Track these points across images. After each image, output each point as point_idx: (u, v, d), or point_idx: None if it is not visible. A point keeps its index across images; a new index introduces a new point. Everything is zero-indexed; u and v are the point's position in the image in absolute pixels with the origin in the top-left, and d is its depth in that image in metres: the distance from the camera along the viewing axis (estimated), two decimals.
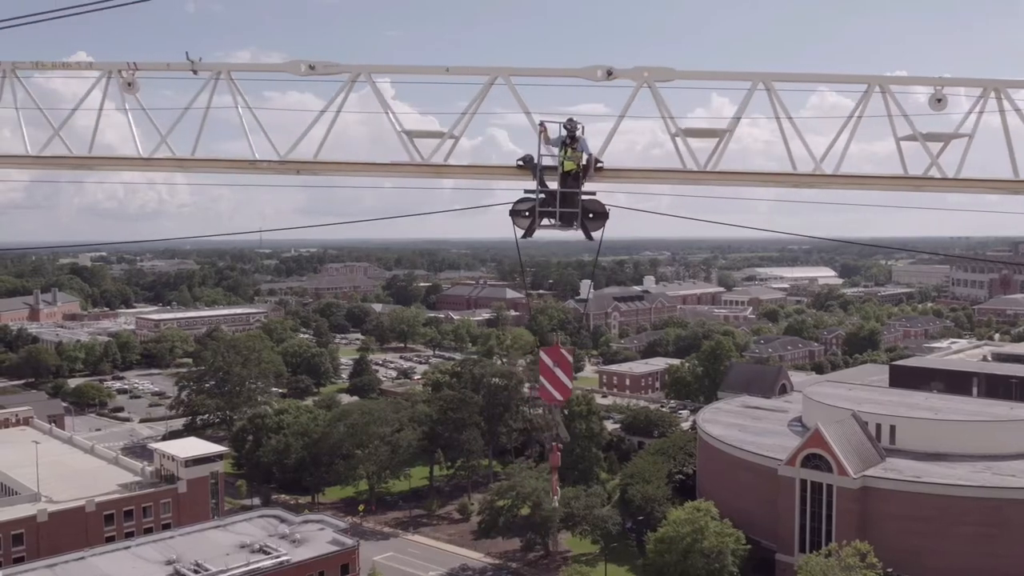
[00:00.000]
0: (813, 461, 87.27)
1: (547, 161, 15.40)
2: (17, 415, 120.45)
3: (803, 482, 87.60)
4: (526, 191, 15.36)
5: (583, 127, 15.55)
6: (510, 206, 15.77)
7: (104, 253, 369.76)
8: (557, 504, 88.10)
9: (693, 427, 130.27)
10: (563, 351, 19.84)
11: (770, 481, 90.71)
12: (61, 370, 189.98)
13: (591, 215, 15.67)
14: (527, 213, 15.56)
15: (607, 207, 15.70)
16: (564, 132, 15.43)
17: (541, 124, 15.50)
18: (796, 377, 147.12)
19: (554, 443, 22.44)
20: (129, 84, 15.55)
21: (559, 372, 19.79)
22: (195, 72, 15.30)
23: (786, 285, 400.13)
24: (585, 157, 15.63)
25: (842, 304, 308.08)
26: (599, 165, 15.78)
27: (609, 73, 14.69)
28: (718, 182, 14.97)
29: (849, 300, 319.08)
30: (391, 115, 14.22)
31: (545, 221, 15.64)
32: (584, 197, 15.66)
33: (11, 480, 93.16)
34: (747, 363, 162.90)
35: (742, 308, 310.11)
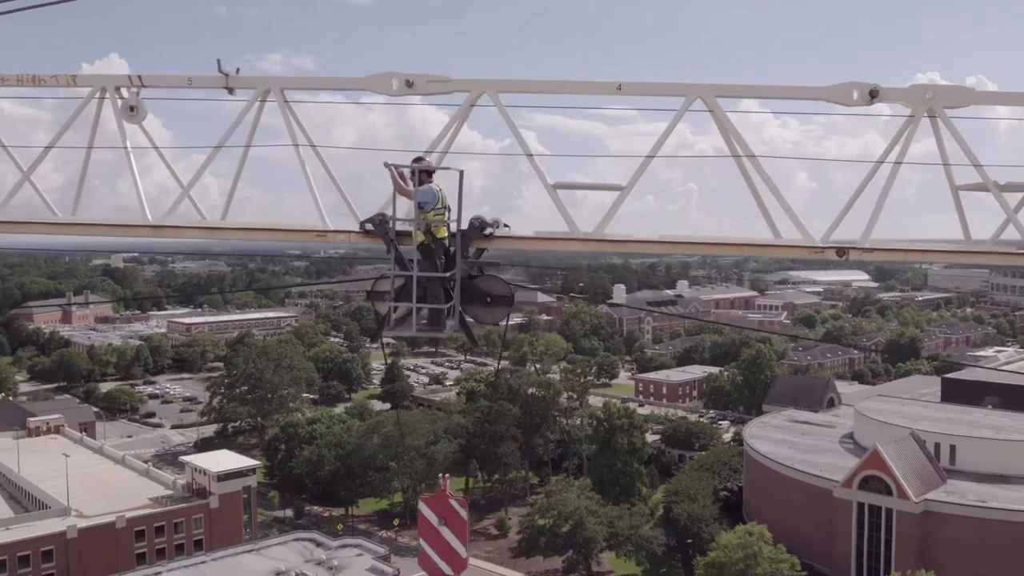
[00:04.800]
0: (871, 483, 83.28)
1: (405, 224, 11.14)
2: (48, 423, 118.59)
3: (860, 505, 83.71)
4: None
5: (430, 163, 11.26)
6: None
7: (136, 254, 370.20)
8: None
9: (735, 439, 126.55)
10: (453, 501, 13.52)
11: (824, 503, 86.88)
12: (93, 374, 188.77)
13: (488, 299, 11.33)
14: (390, 297, 11.34)
15: (511, 285, 11.42)
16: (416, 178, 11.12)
17: (391, 167, 11.12)
18: (839, 387, 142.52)
19: None
20: (132, 108, 11.46)
21: (448, 535, 13.60)
22: (231, 90, 11.25)
23: (820, 289, 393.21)
24: (447, 216, 11.20)
25: (879, 309, 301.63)
26: (486, 231, 11.23)
27: (873, 95, 9.83)
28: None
29: (886, 305, 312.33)
30: (517, 138, 10.69)
31: (399, 315, 11.29)
32: (474, 275, 11.33)
33: (41, 492, 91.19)
34: (790, 373, 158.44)
35: (776, 313, 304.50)
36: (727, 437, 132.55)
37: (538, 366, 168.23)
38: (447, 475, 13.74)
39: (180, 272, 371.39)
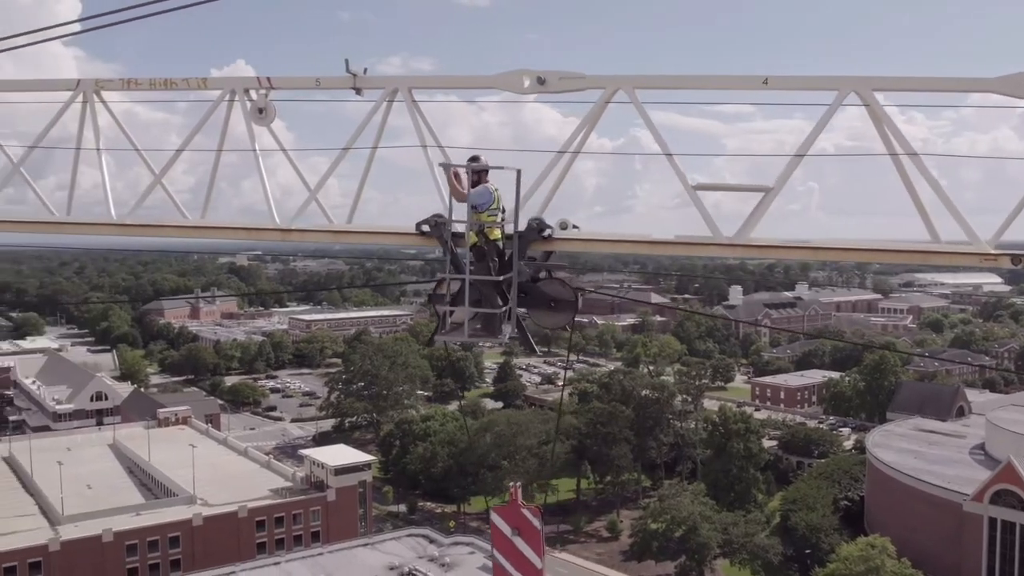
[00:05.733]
0: (1004, 497, 79.03)
1: (461, 226, 10.82)
2: (177, 414, 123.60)
3: (992, 520, 79.62)
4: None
5: (486, 163, 10.85)
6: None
7: (260, 252, 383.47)
8: None
9: (856, 447, 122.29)
10: (525, 511, 12.87)
11: (953, 517, 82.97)
12: (218, 368, 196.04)
13: (552, 303, 10.88)
14: (446, 300, 11.03)
15: (577, 288, 10.88)
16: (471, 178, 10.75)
17: (447, 168, 10.76)
18: (969, 395, 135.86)
19: None
20: (261, 110, 11.45)
21: (522, 545, 12.90)
22: (358, 91, 11.09)
23: (948, 292, 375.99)
24: (501, 218, 10.81)
25: (1013, 314, 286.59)
26: (544, 232, 10.81)
27: None
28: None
29: (1020, 310, 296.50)
30: (656, 136, 10.16)
31: (454, 320, 10.89)
32: (539, 277, 10.90)
33: (169, 481, 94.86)
34: (916, 380, 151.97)
35: (901, 316, 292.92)
36: (848, 445, 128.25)
37: (652, 368, 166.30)
38: (518, 484, 13.38)
39: (301, 270, 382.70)
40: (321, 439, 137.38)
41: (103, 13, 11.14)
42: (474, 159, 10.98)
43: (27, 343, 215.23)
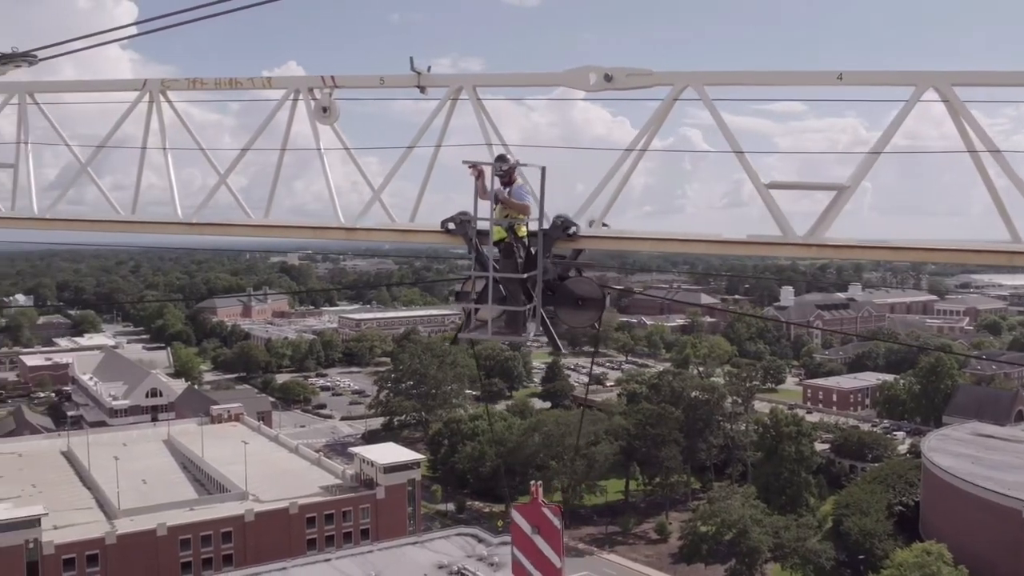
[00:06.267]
0: None
1: (486, 224, 10.81)
2: (229, 411, 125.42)
3: None
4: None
5: (517, 164, 10.75)
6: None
7: (311, 252, 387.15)
8: None
9: (911, 451, 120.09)
10: (546, 510, 12.88)
11: (1012, 525, 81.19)
12: (270, 366, 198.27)
13: (579, 301, 10.82)
14: (471, 298, 10.96)
15: (604, 286, 10.72)
16: (497, 177, 10.69)
17: (472, 166, 10.69)
18: None
19: None
20: (325, 109, 11.43)
21: (541, 543, 12.91)
22: (422, 89, 11.03)
23: (1005, 293, 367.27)
24: (528, 213, 10.77)
25: None
26: (571, 230, 10.71)
27: None
28: None
29: None
30: (726, 135, 9.94)
31: (479, 318, 10.84)
32: (566, 276, 10.81)
33: (222, 477, 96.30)
34: (973, 384, 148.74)
35: (957, 319, 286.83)
36: (903, 449, 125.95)
37: (701, 369, 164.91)
38: (539, 482, 13.36)
39: (351, 270, 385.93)
40: (370, 437, 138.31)
41: (161, 16, 11.27)
42: (502, 158, 10.95)
43: (85, 340, 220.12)
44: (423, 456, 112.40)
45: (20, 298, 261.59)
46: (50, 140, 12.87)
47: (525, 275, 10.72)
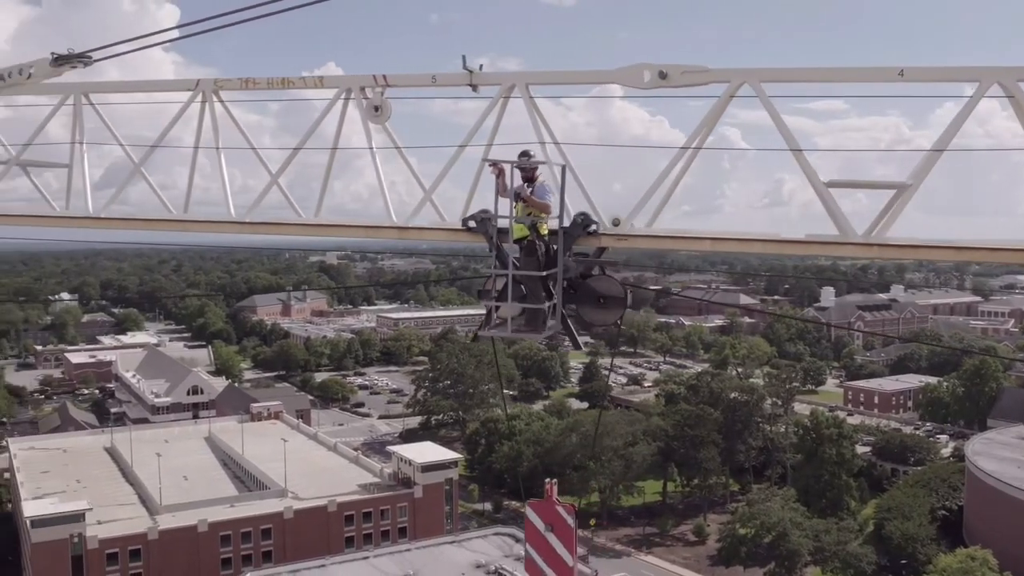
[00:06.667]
0: None
1: (506, 222, 10.89)
2: (269, 409, 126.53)
3: None
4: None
5: (537, 160, 10.78)
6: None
7: (349, 251, 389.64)
8: None
9: (954, 455, 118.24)
10: (560, 508, 12.86)
11: None
12: (309, 364, 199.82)
13: (601, 300, 10.79)
14: (492, 295, 10.95)
15: (626, 286, 10.74)
16: (520, 174, 10.79)
17: (492, 164, 10.74)
18: None
19: None
20: (377, 108, 11.44)
21: (555, 541, 12.87)
22: (474, 87, 11.03)
23: None
24: (549, 212, 10.78)
25: None
26: (591, 227, 10.75)
27: None
28: None
29: None
30: (784, 134, 9.77)
31: (500, 316, 10.80)
32: (589, 274, 10.84)
33: (262, 474, 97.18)
34: (1019, 387, 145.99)
35: (1002, 320, 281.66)
36: (946, 452, 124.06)
37: (740, 370, 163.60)
38: (553, 481, 13.38)
39: (388, 269, 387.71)
40: (407, 436, 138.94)
41: (207, 18, 11.33)
42: (525, 154, 10.94)
43: (128, 338, 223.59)
44: (460, 455, 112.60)
45: (65, 296, 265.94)
46: (100, 140, 13.02)
47: (544, 273, 10.71)
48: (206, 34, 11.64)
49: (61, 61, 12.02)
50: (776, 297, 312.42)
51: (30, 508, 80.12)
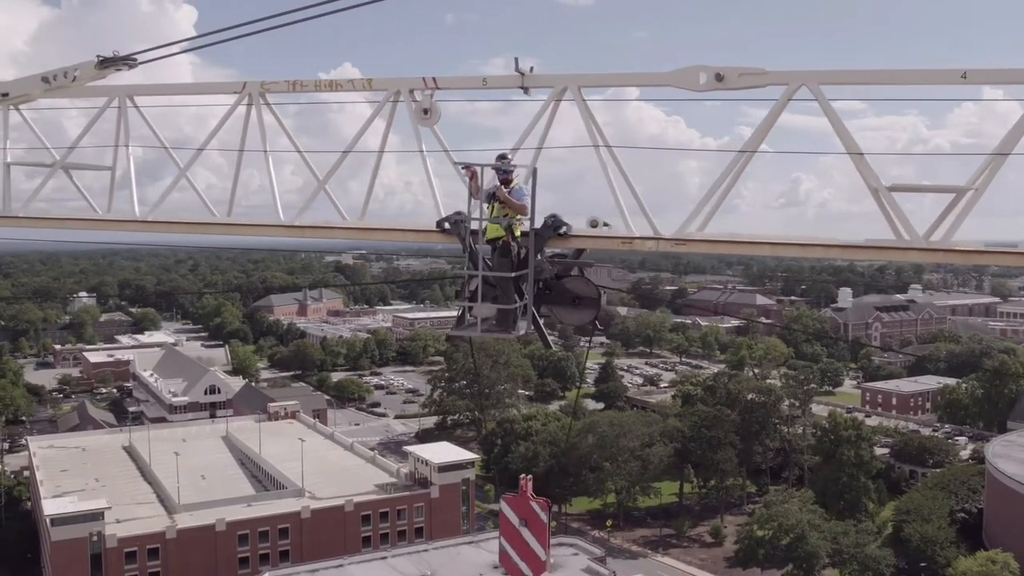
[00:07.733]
0: None
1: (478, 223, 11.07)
2: (285, 409, 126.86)
3: None
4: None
5: (513, 163, 10.95)
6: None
7: (365, 252, 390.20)
8: None
9: (973, 457, 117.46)
10: (534, 504, 13.18)
11: None
12: (325, 364, 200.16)
13: (574, 300, 10.85)
14: (464, 296, 11.08)
15: (600, 287, 10.86)
16: (493, 176, 10.94)
17: (466, 168, 10.89)
18: None
19: None
20: (426, 111, 11.30)
21: (528, 536, 13.13)
22: (526, 90, 10.88)
23: None
24: (525, 213, 10.87)
25: None
26: (561, 229, 10.87)
27: None
28: None
29: None
30: (841, 135, 9.65)
31: (475, 315, 10.92)
32: (564, 275, 10.93)
33: (279, 474, 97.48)
34: None
35: (1022, 321, 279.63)
36: (965, 454, 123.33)
37: (757, 371, 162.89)
38: (529, 476, 13.40)
39: (404, 269, 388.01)
40: (424, 436, 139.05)
41: (234, 25, 11.35)
42: (502, 157, 11.03)
43: (145, 338, 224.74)
44: (477, 456, 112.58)
45: (83, 296, 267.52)
46: (141, 142, 13.01)
47: (514, 274, 10.77)
48: (223, 37, 11.64)
49: (106, 64, 12.01)
50: (793, 298, 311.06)
51: (49, 506, 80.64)
